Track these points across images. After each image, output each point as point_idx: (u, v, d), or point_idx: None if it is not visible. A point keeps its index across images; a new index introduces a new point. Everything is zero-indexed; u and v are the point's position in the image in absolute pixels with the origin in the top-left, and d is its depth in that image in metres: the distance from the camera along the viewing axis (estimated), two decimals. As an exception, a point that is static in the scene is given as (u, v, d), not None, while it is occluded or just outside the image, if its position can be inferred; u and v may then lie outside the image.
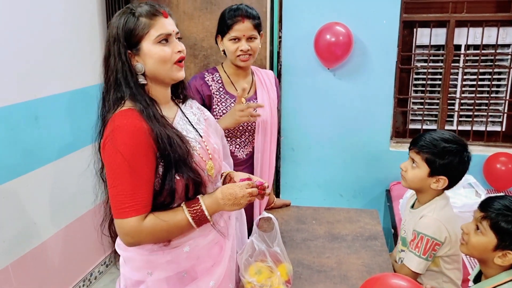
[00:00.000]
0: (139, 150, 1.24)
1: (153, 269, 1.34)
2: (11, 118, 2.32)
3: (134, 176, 1.23)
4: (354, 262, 1.74)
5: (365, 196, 3.39)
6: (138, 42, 1.30)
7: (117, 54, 1.30)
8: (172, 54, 1.33)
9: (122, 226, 1.25)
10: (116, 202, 1.25)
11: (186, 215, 1.29)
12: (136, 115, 1.26)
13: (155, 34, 1.30)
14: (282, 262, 1.51)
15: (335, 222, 2.09)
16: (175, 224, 1.29)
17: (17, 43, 2.33)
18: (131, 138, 1.23)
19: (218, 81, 2.01)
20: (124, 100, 1.31)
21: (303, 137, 3.34)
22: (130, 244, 1.29)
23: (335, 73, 3.19)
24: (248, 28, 1.90)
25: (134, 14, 1.30)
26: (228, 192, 1.33)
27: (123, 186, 1.23)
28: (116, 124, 1.24)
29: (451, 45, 3.17)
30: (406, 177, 1.78)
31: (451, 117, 3.38)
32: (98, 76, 3.09)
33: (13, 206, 2.34)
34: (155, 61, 1.31)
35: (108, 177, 1.26)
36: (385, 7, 3.01)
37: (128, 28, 1.29)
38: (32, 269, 2.49)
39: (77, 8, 2.81)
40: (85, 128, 2.92)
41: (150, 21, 1.30)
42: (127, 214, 1.24)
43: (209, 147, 1.43)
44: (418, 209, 1.79)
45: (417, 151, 1.73)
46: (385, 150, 3.26)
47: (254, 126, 2.02)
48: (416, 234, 1.69)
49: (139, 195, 1.24)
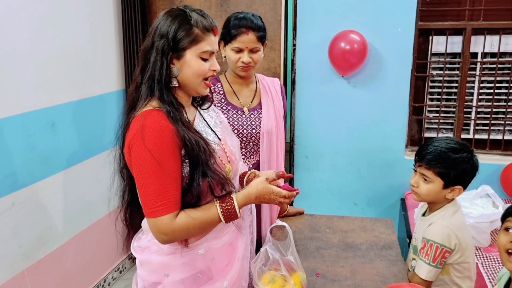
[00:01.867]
0: (167, 149, 1.26)
1: (170, 271, 1.36)
2: (28, 124, 2.35)
3: (164, 175, 1.26)
4: (369, 271, 1.72)
5: (380, 204, 3.35)
6: (184, 49, 1.32)
7: (160, 52, 1.31)
8: (208, 71, 1.36)
9: (156, 224, 1.28)
10: (147, 202, 1.27)
11: (218, 212, 1.33)
12: (162, 115, 1.29)
13: (202, 49, 1.33)
14: (296, 271, 1.50)
15: (349, 231, 2.08)
16: (207, 219, 1.33)
17: (34, 51, 2.36)
18: (159, 137, 1.25)
19: (220, 92, 1.98)
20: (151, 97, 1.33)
21: (316, 145, 3.33)
22: (165, 241, 1.31)
23: (349, 81, 3.18)
24: (252, 41, 1.87)
25: (190, 22, 1.32)
26: (265, 192, 1.40)
27: (154, 185, 1.25)
28: (143, 123, 1.26)
29: (467, 53, 3.14)
30: (419, 192, 1.74)
31: (467, 125, 3.34)
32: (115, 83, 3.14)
33: (30, 212, 2.37)
34: (191, 73, 1.34)
35: (138, 176, 1.28)
36: (400, 15, 3.00)
37: (180, 33, 1.31)
38: (47, 274, 2.51)
39: (93, 16, 2.85)
40: (101, 134, 2.98)
41: (202, 35, 1.33)
42: (159, 212, 1.26)
43: (227, 150, 1.46)
44: (428, 217, 1.78)
45: (427, 167, 1.69)
46: (400, 158, 3.23)
47: (258, 136, 1.99)
48: (426, 242, 1.68)
49: (169, 193, 1.27)
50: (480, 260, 2.38)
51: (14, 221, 2.27)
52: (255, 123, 1.99)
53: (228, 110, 1.97)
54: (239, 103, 1.99)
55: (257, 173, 1.61)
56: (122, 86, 3.19)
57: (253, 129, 1.98)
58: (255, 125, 1.98)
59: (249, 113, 1.99)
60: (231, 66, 1.95)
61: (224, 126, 1.58)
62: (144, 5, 3.15)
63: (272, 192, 1.40)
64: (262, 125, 1.99)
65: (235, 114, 1.96)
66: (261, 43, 1.91)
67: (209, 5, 3.15)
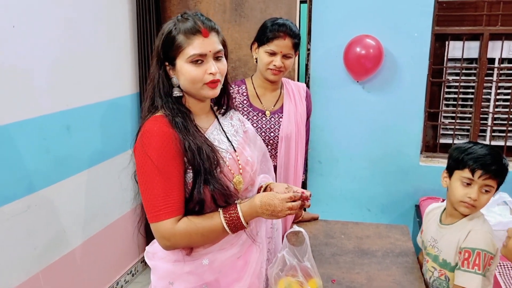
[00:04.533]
0: (167, 154, 1.26)
1: (174, 279, 1.35)
2: (44, 127, 2.37)
3: (164, 179, 1.26)
4: (385, 278, 1.70)
5: (394, 211, 3.32)
6: (174, 58, 1.33)
7: (155, 65, 1.36)
8: (204, 75, 1.32)
9: (157, 229, 1.27)
10: (149, 206, 1.28)
11: (221, 220, 1.30)
12: (165, 121, 1.30)
13: (188, 54, 1.31)
14: (313, 277, 1.48)
15: (364, 237, 2.06)
16: (210, 228, 1.30)
17: (50, 54, 2.38)
18: (159, 141, 1.26)
19: (243, 94, 1.99)
20: (157, 109, 1.35)
21: (330, 150, 3.31)
22: (167, 247, 1.31)
23: (364, 86, 3.16)
24: (287, 46, 1.89)
25: (172, 32, 1.32)
26: (267, 203, 1.31)
27: (154, 190, 1.26)
28: (145, 129, 1.29)
29: (484, 59, 3.10)
30: (478, 205, 1.63)
31: (484, 132, 3.30)
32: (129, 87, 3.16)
33: (45, 214, 2.38)
34: (186, 80, 1.34)
35: (140, 181, 1.29)
36: (416, 19, 2.98)
37: (166, 42, 1.33)
38: (61, 276, 2.52)
39: (108, 21, 2.87)
40: (116, 137, 2.99)
41: (186, 40, 1.31)
42: (160, 217, 1.26)
43: (241, 160, 1.42)
44: (455, 224, 1.68)
45: (494, 177, 1.60)
46: (415, 164, 3.20)
47: (277, 140, 1.99)
48: (471, 251, 1.57)
49: (171, 197, 1.26)
50: (498, 269, 2.34)
51: (29, 223, 2.28)
52: (275, 127, 1.98)
53: (249, 112, 1.97)
54: (261, 106, 1.99)
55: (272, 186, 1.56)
56: (136, 90, 3.20)
57: (272, 132, 1.98)
58: (274, 129, 1.98)
59: (270, 116, 1.98)
60: (261, 68, 1.95)
61: (247, 136, 1.54)
62: (159, 9, 3.16)
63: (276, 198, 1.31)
64: (281, 130, 1.98)
65: (256, 116, 1.96)
66: (294, 51, 1.93)
67: (223, 9, 3.16)
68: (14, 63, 2.16)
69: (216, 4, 3.17)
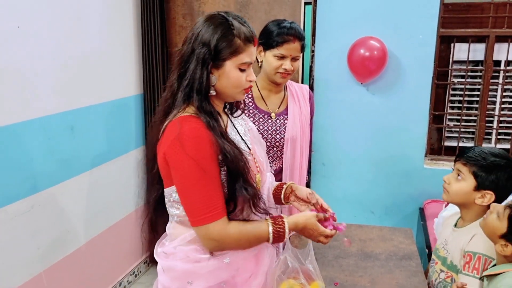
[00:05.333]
0: (209, 156, 1.26)
1: (194, 279, 1.34)
2: (48, 128, 2.37)
3: (211, 181, 1.26)
4: (388, 282, 1.69)
5: (397, 214, 3.30)
6: (224, 60, 1.30)
7: (201, 60, 1.29)
8: (245, 82, 1.35)
9: (207, 232, 1.27)
10: (196, 209, 1.26)
11: (269, 231, 1.33)
12: (200, 122, 1.28)
13: (242, 60, 1.32)
14: (315, 280, 1.47)
15: (368, 240, 2.05)
16: (256, 234, 1.33)
17: (54, 55, 2.39)
18: (200, 143, 1.24)
19: (248, 96, 1.98)
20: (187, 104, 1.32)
21: (334, 152, 3.30)
22: (214, 248, 1.31)
23: (368, 88, 3.14)
24: (296, 49, 1.89)
25: (233, 32, 1.30)
26: (311, 228, 1.40)
27: (201, 192, 1.25)
28: (181, 130, 1.24)
29: (490, 61, 3.09)
30: (449, 190, 1.71)
31: (489, 134, 3.28)
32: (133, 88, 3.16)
33: (48, 214, 2.39)
34: (229, 83, 1.33)
35: (182, 185, 1.27)
36: (421, 21, 2.96)
37: (222, 43, 1.29)
38: (64, 277, 2.52)
39: (113, 21, 2.88)
40: (120, 138, 2.99)
41: (243, 46, 1.31)
42: (210, 219, 1.26)
43: (256, 160, 1.45)
44: (465, 228, 1.70)
45: (464, 163, 1.67)
46: (419, 167, 3.18)
47: (282, 142, 1.99)
48: (472, 255, 1.59)
49: (217, 199, 1.27)
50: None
51: (33, 223, 2.28)
52: (280, 128, 1.98)
53: (255, 114, 1.97)
54: (266, 108, 1.99)
55: (294, 188, 1.60)
56: (140, 91, 3.21)
57: (278, 134, 1.97)
58: (280, 131, 1.98)
59: (276, 118, 1.98)
60: (270, 72, 1.93)
61: (253, 134, 1.56)
62: (163, 10, 3.16)
63: (317, 230, 1.40)
64: (287, 131, 1.98)
65: (262, 118, 1.96)
66: (302, 52, 1.94)
67: (227, 10, 3.15)
68: (18, 63, 2.17)
69: (220, 5, 3.17)
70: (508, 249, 1.43)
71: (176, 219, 1.38)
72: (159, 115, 1.37)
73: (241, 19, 1.35)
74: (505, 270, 1.43)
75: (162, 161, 1.30)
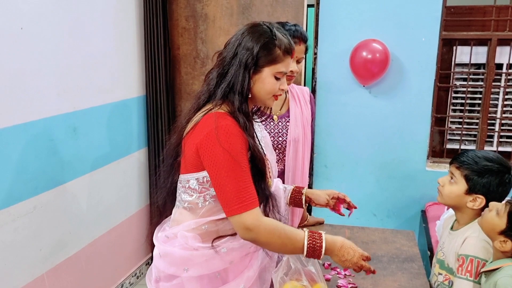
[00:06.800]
0: (243, 150, 1.32)
1: (190, 266, 1.38)
2: (50, 129, 2.37)
3: (245, 172, 1.31)
4: (391, 284, 1.69)
5: (399, 216, 3.30)
6: (262, 66, 1.38)
7: (244, 64, 1.36)
8: (278, 90, 1.43)
9: (241, 220, 1.30)
10: (230, 200, 1.30)
11: (304, 240, 1.35)
12: (235, 122, 1.34)
13: (279, 70, 1.40)
14: (317, 282, 1.47)
15: (370, 242, 2.04)
16: (292, 237, 1.35)
17: (57, 56, 2.39)
18: (235, 137, 1.31)
19: None
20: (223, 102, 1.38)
21: (336, 154, 3.30)
22: (248, 238, 1.32)
23: (370, 90, 3.15)
24: (301, 51, 1.93)
25: (274, 42, 1.38)
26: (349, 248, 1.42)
27: (235, 182, 1.29)
28: (218, 124, 1.31)
29: (492, 64, 3.09)
30: (442, 192, 1.73)
31: (491, 137, 3.28)
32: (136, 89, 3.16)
33: (50, 215, 2.39)
34: (264, 89, 1.40)
35: (216, 175, 1.31)
36: (424, 24, 2.97)
37: (263, 51, 1.37)
38: (66, 278, 2.52)
39: (116, 23, 2.89)
40: (122, 139, 3.00)
41: (282, 56, 1.39)
42: (246, 207, 1.29)
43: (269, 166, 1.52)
44: (459, 231, 1.72)
45: (457, 166, 1.69)
46: (421, 169, 3.18)
47: (285, 144, 1.99)
48: (465, 258, 1.61)
49: (251, 189, 1.31)
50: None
51: (35, 224, 2.28)
52: (282, 131, 1.99)
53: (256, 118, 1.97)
54: (268, 110, 1.99)
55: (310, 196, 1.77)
56: (143, 92, 3.21)
57: (280, 137, 1.98)
58: (282, 133, 1.98)
59: (278, 120, 1.99)
60: None
61: (266, 142, 1.63)
62: (166, 12, 3.17)
63: (357, 250, 1.42)
64: (289, 133, 1.99)
65: (264, 121, 1.96)
66: (305, 54, 1.98)
67: (230, 13, 3.16)
68: (21, 64, 2.17)
69: (223, 7, 3.18)
70: (507, 245, 1.45)
71: (186, 205, 1.42)
72: (191, 106, 1.44)
73: (283, 31, 1.42)
74: (503, 264, 1.46)
75: (191, 150, 1.35)
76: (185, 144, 1.39)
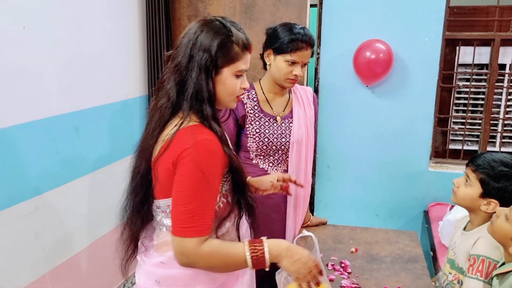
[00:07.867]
0: (216, 171, 1.22)
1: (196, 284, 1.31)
2: (52, 129, 2.37)
3: (210, 197, 1.22)
4: (394, 285, 1.69)
5: (402, 216, 3.30)
6: (222, 67, 1.28)
7: (204, 67, 1.25)
8: (239, 90, 1.34)
9: (181, 244, 1.21)
10: (180, 220, 1.21)
11: (245, 251, 1.24)
12: (212, 134, 1.24)
13: (239, 68, 1.30)
14: (321, 282, 1.47)
15: (373, 243, 2.04)
16: (232, 255, 1.25)
17: (59, 56, 2.39)
18: (215, 157, 1.22)
19: (254, 99, 1.98)
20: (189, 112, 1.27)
21: (339, 155, 3.29)
22: (184, 264, 1.24)
23: (373, 90, 3.14)
24: (308, 56, 1.90)
25: (231, 39, 1.27)
26: (296, 251, 1.30)
27: (195, 205, 1.20)
28: (196, 140, 1.20)
29: (495, 64, 3.08)
30: (457, 194, 1.72)
31: (494, 138, 3.27)
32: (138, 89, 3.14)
33: (53, 215, 2.38)
34: (226, 91, 1.31)
35: (180, 191, 1.21)
36: (427, 24, 2.96)
37: (221, 50, 1.26)
38: (69, 278, 2.52)
39: (118, 22, 2.88)
40: (124, 140, 2.99)
41: (241, 53, 1.29)
42: (190, 233, 1.20)
43: None
44: (471, 232, 1.70)
45: (473, 169, 1.67)
46: (424, 170, 3.17)
47: (288, 145, 1.98)
48: (476, 258, 1.59)
49: (207, 216, 1.22)
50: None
51: (37, 224, 2.28)
52: (286, 132, 1.98)
53: (261, 118, 1.96)
54: (272, 111, 1.98)
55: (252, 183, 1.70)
56: (145, 92, 3.21)
57: (283, 138, 1.97)
58: (285, 134, 1.97)
59: (281, 121, 1.98)
60: (279, 77, 1.92)
61: None
62: (169, 11, 3.17)
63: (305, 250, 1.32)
64: (292, 134, 1.98)
65: (267, 122, 1.96)
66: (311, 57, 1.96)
67: (233, 12, 3.16)
68: (23, 64, 2.17)
69: (226, 7, 3.17)
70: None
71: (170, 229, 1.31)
72: (155, 124, 1.31)
73: (237, 25, 1.32)
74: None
75: (166, 171, 1.24)
76: (157, 168, 1.27)
